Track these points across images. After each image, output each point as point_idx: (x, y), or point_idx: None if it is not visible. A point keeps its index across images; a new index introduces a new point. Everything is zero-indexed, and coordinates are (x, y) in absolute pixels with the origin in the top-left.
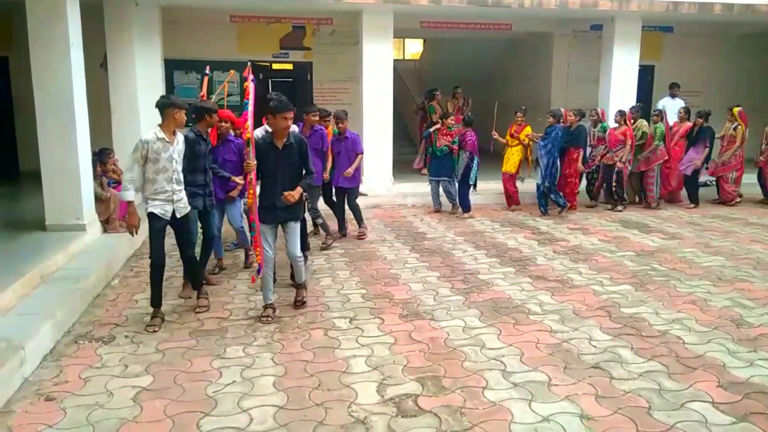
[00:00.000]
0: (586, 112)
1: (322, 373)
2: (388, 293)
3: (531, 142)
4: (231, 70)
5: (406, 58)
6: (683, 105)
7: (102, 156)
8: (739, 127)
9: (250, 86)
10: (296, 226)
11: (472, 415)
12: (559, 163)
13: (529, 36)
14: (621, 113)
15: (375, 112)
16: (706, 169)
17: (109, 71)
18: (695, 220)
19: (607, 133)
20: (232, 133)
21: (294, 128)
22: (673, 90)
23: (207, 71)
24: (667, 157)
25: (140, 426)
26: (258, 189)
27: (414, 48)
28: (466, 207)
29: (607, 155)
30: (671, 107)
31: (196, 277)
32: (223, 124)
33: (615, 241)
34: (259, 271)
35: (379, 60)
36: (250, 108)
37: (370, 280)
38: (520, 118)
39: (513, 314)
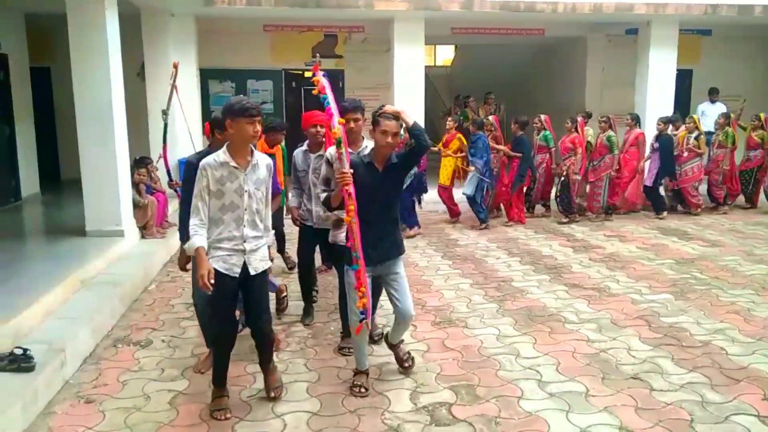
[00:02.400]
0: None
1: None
2: (421, 300)
3: (460, 153)
4: (174, 62)
5: (437, 64)
6: (724, 110)
7: (140, 164)
8: (702, 136)
9: (322, 80)
10: (403, 269)
11: (508, 425)
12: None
13: (562, 41)
14: (572, 120)
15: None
16: (669, 178)
17: (146, 80)
18: (737, 227)
19: (559, 141)
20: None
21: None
22: (713, 96)
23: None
24: (617, 167)
25: (176, 430)
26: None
27: (445, 54)
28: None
29: (558, 164)
30: (711, 113)
31: (268, 352)
32: (319, 129)
33: (653, 248)
34: (363, 317)
35: (410, 67)
36: (332, 103)
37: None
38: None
39: (548, 323)
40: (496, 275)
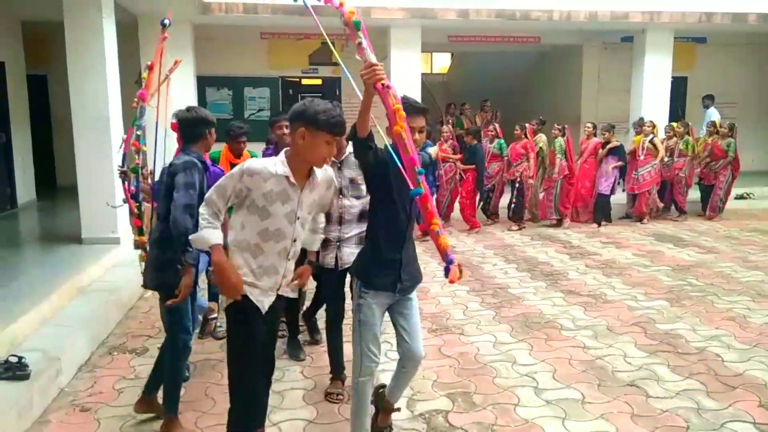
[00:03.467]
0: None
1: (351, 387)
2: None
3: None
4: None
5: (434, 71)
6: (718, 117)
7: (135, 172)
8: (656, 138)
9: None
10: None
11: None
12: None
13: (558, 48)
14: (522, 126)
15: None
16: (619, 185)
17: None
18: (732, 233)
19: (509, 147)
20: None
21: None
22: (707, 101)
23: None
24: (567, 173)
25: None
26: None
27: (442, 62)
28: None
29: (510, 170)
30: (708, 119)
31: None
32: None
33: (649, 255)
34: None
35: (407, 74)
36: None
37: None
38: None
39: (545, 329)
40: (492, 282)
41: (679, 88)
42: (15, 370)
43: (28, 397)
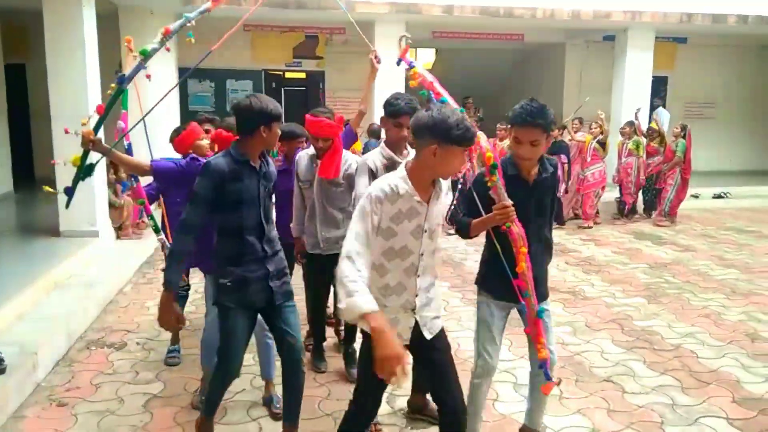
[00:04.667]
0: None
1: (332, 383)
2: None
3: None
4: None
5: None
6: (668, 117)
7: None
8: (603, 139)
9: (423, 73)
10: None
11: (483, 428)
12: None
13: (541, 46)
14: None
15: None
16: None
17: None
18: (709, 232)
19: None
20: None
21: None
22: (657, 101)
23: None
24: None
25: None
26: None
27: (426, 58)
28: None
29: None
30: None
31: None
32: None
33: (627, 252)
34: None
35: (390, 70)
36: (453, 104)
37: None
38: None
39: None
40: (473, 278)
41: (659, 87)
42: None
43: (3, 392)
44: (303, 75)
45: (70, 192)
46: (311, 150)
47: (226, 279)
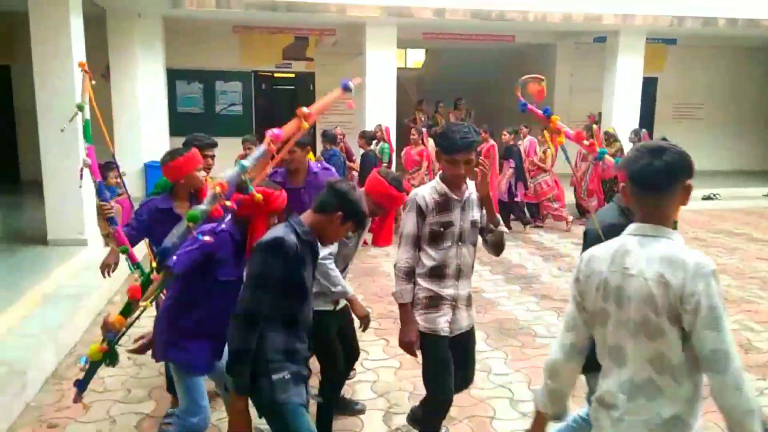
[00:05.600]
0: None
1: None
2: (393, 312)
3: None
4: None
5: (408, 66)
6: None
7: (105, 170)
8: (548, 150)
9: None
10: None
11: None
12: None
13: (531, 47)
14: (419, 131)
15: (378, 122)
16: (516, 190)
17: (111, 81)
18: (699, 235)
19: (403, 153)
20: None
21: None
22: None
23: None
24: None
25: None
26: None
27: (416, 56)
28: None
29: (405, 178)
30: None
31: None
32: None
33: None
34: None
35: (382, 71)
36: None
37: (374, 298)
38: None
39: (519, 336)
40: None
41: (648, 88)
42: None
43: None
44: (292, 75)
45: (81, 386)
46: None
47: (282, 373)
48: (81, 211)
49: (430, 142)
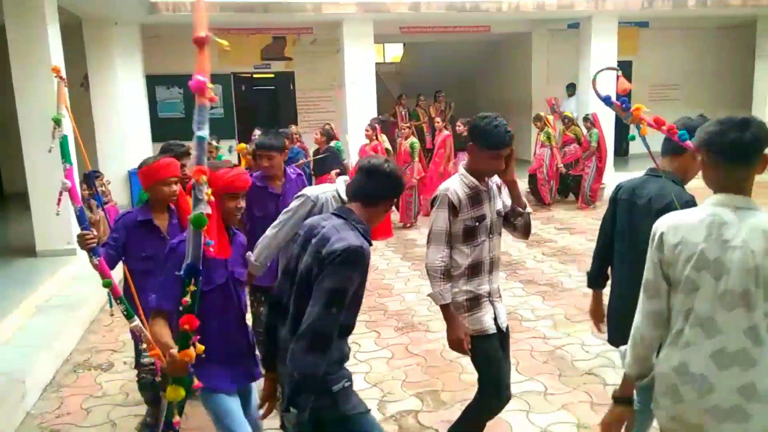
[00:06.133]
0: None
1: None
2: (383, 305)
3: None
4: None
5: (386, 61)
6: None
7: (90, 179)
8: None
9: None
10: None
11: None
12: None
13: (507, 37)
14: (372, 127)
15: (359, 119)
16: None
17: (90, 90)
18: None
19: (359, 149)
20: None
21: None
22: (569, 91)
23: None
24: (422, 174)
25: None
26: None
27: (394, 51)
28: None
29: None
30: (570, 107)
31: None
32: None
33: None
34: None
35: (361, 67)
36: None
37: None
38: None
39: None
40: None
41: (623, 72)
42: None
43: None
44: (272, 76)
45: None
46: (327, 187)
47: (341, 382)
48: (69, 221)
49: (383, 137)
